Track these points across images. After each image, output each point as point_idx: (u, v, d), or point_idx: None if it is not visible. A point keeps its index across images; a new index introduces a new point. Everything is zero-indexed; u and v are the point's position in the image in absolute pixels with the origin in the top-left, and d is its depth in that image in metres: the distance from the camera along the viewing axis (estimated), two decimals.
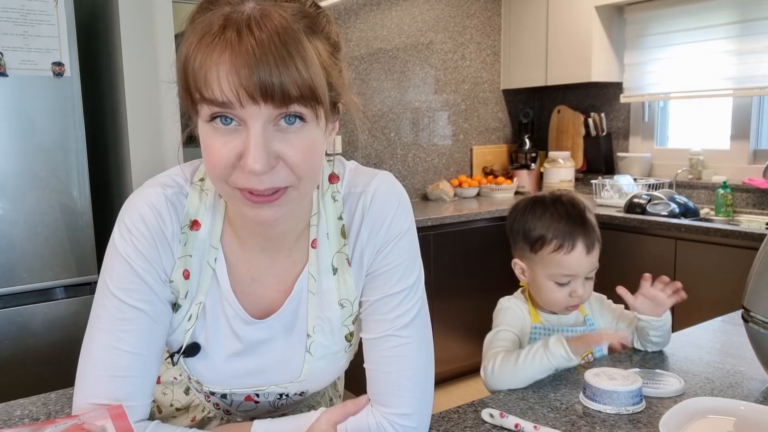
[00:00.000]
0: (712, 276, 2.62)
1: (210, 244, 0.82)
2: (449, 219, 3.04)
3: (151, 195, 0.80)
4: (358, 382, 0.87)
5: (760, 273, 1.08)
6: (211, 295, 0.83)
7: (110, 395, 0.77)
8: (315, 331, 0.85)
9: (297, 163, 0.69)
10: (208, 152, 0.69)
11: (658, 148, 3.57)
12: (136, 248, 0.78)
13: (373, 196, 0.83)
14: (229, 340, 0.85)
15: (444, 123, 3.81)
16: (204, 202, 0.82)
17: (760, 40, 2.97)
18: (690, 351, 1.27)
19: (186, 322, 0.83)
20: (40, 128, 2.08)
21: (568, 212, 1.22)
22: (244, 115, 0.66)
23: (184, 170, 0.84)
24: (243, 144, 0.67)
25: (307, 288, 0.85)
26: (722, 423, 0.94)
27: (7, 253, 2.05)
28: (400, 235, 0.84)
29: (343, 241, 0.85)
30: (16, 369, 2.08)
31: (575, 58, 3.48)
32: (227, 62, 0.64)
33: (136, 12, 2.24)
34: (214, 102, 0.65)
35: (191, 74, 0.66)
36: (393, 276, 0.84)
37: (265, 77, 0.63)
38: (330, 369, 0.90)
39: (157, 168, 2.39)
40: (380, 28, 3.50)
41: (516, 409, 1.03)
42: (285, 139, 0.68)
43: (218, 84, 0.64)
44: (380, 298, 0.84)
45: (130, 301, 0.78)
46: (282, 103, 0.65)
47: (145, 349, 0.79)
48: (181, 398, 1.00)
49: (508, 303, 1.30)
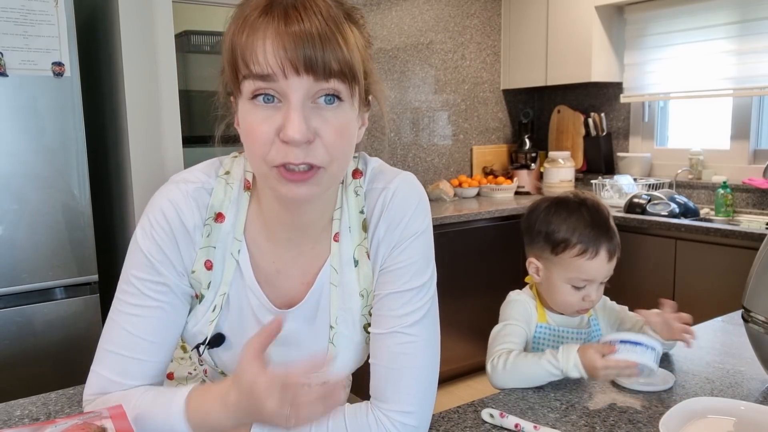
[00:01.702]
0: (712, 276, 2.62)
1: (234, 236, 0.84)
2: (449, 219, 3.04)
3: (172, 191, 0.83)
4: (359, 380, 0.87)
5: (760, 273, 1.08)
6: (234, 286, 0.86)
7: (115, 369, 0.81)
8: (338, 323, 0.88)
9: (332, 141, 0.72)
10: (249, 129, 0.72)
11: (658, 148, 3.57)
12: (155, 242, 0.81)
13: (394, 194, 0.86)
14: (254, 329, 0.86)
15: (444, 123, 3.81)
16: (229, 195, 0.85)
17: (760, 40, 2.97)
18: (690, 351, 1.26)
19: (210, 312, 0.85)
20: (40, 128, 2.08)
21: (594, 218, 1.21)
22: (285, 88, 0.69)
23: (209, 166, 0.87)
24: (283, 117, 0.70)
25: (329, 280, 0.87)
26: (722, 423, 0.94)
27: (7, 253, 2.05)
28: (416, 235, 0.86)
29: (364, 235, 0.87)
30: (16, 369, 2.08)
31: (575, 58, 3.48)
32: (272, 36, 0.68)
33: (136, 12, 2.24)
34: (258, 75, 0.69)
35: (238, 50, 0.70)
36: (405, 274, 0.85)
37: (309, 50, 0.68)
38: (351, 360, 0.92)
39: (157, 168, 2.41)
40: (380, 28, 3.50)
41: (516, 409, 1.03)
42: (322, 117, 0.71)
43: (264, 56, 0.68)
44: (390, 294, 0.85)
45: (145, 290, 0.82)
46: (323, 76, 0.69)
47: (154, 337, 0.82)
48: None
49: (518, 297, 1.29)
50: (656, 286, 2.81)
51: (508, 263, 3.21)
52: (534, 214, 1.28)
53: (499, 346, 1.19)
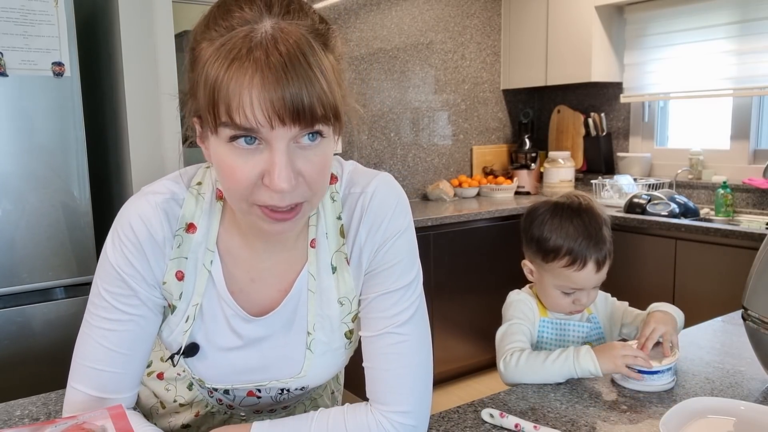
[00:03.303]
0: (712, 276, 2.62)
1: (206, 246, 0.83)
2: (449, 219, 3.04)
3: (141, 204, 0.82)
4: (359, 379, 0.87)
5: (759, 273, 1.08)
6: (207, 296, 0.85)
7: (92, 384, 0.82)
8: (315, 329, 0.87)
9: (315, 179, 0.72)
10: (230, 172, 0.70)
11: (658, 148, 3.57)
12: (125, 257, 0.80)
13: (372, 196, 0.85)
14: (228, 337, 0.86)
15: (444, 123, 3.81)
16: (200, 205, 0.83)
17: (760, 40, 2.97)
18: (690, 351, 1.27)
19: (183, 323, 0.85)
20: (40, 128, 2.08)
21: (587, 227, 1.22)
22: (270, 137, 0.67)
23: (181, 177, 0.85)
24: (266, 163, 0.68)
25: (307, 287, 0.86)
26: (722, 423, 0.94)
27: (7, 253, 2.05)
28: (398, 234, 0.85)
29: (341, 241, 0.86)
30: (16, 369, 2.08)
31: (575, 58, 3.48)
32: (258, 86, 0.65)
33: (136, 12, 2.24)
34: (243, 128, 0.66)
35: (222, 98, 0.66)
36: (392, 274, 0.85)
37: (296, 98, 0.65)
38: (330, 365, 0.91)
39: (157, 168, 2.40)
40: (380, 28, 3.50)
41: (516, 409, 1.03)
42: (305, 157, 0.70)
43: (251, 109, 0.65)
44: (378, 296, 0.85)
45: (116, 304, 0.81)
46: (309, 122, 0.67)
47: (127, 349, 0.82)
48: (185, 394, 1.01)
49: (518, 296, 1.32)
50: (656, 286, 2.81)
51: (508, 263, 3.21)
52: (530, 218, 1.30)
53: (509, 345, 1.21)
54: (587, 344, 1.24)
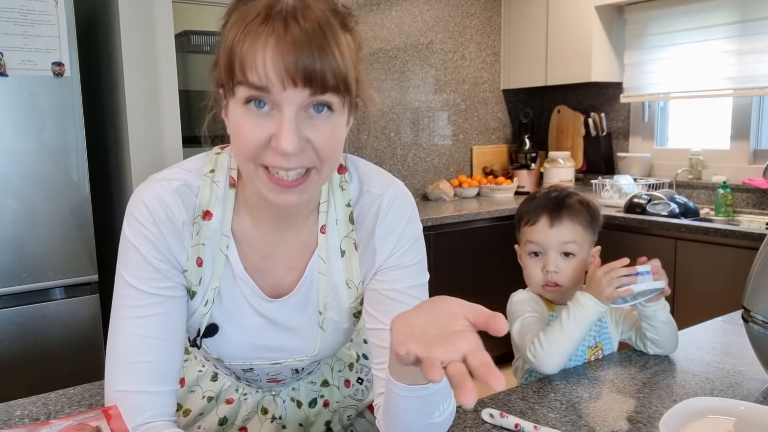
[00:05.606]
0: (712, 276, 2.62)
1: (222, 232, 0.85)
2: (449, 219, 3.04)
3: (156, 188, 0.82)
4: None
5: (760, 273, 1.08)
6: (225, 278, 0.87)
7: (134, 382, 0.79)
8: (327, 308, 0.91)
9: (323, 147, 0.74)
10: (240, 132, 0.73)
11: (658, 148, 3.57)
12: (146, 237, 0.80)
13: (390, 203, 0.89)
14: (249, 316, 0.89)
15: (444, 123, 3.81)
16: (215, 193, 0.85)
17: (760, 40, 2.97)
18: (690, 351, 1.27)
19: (203, 307, 0.86)
20: (40, 128, 2.08)
21: (548, 194, 1.32)
22: (280, 99, 0.70)
23: (190, 165, 0.87)
24: (275, 126, 0.71)
25: (318, 270, 0.90)
26: (722, 423, 0.94)
27: (7, 253, 2.05)
28: (412, 240, 0.91)
29: (351, 227, 0.90)
30: (16, 369, 2.08)
31: (575, 58, 3.48)
32: (272, 47, 0.69)
33: (136, 12, 2.24)
34: (254, 85, 0.70)
35: (237, 55, 0.70)
36: (408, 273, 0.90)
37: (308, 63, 0.69)
38: (339, 340, 0.96)
39: (157, 168, 2.38)
40: (380, 28, 3.50)
41: (516, 409, 1.03)
42: (313, 126, 0.73)
43: (263, 67, 0.69)
44: (397, 291, 0.88)
45: (145, 288, 0.80)
46: (319, 89, 0.70)
47: (166, 334, 0.81)
48: (212, 387, 1.04)
49: (523, 295, 1.33)
50: None
51: (508, 263, 3.20)
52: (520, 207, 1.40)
53: (528, 336, 1.21)
54: (598, 344, 1.27)
